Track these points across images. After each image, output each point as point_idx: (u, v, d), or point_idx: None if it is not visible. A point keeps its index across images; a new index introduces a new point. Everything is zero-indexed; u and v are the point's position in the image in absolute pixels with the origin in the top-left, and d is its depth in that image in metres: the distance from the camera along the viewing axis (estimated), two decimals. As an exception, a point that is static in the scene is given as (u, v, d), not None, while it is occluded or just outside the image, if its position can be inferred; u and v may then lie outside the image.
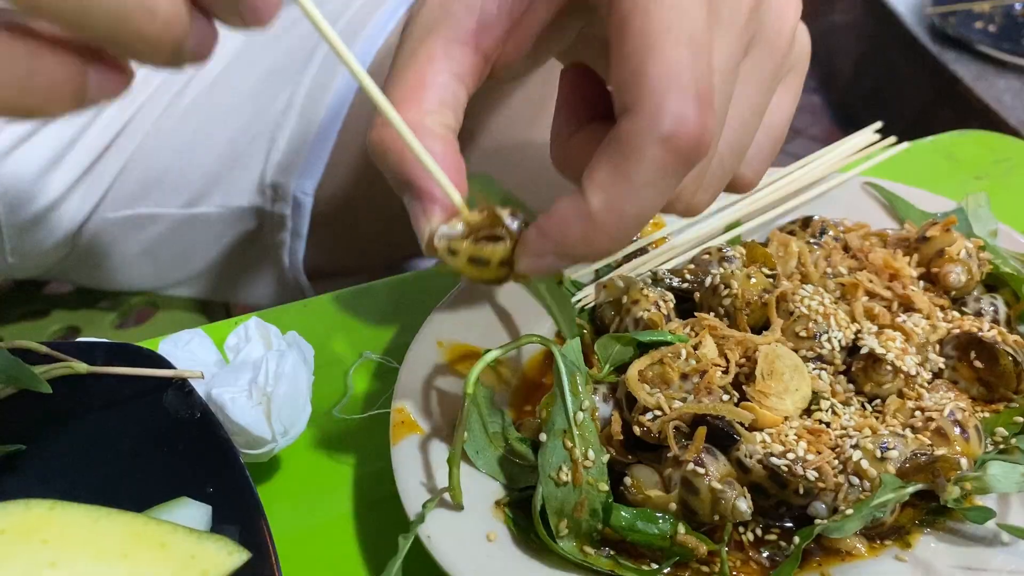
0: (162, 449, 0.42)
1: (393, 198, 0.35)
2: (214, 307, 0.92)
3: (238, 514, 0.38)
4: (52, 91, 0.27)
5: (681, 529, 0.39)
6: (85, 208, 0.79)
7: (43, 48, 0.26)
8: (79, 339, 0.48)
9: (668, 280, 0.52)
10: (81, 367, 0.44)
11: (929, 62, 1.76)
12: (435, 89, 0.34)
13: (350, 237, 0.85)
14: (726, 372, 0.43)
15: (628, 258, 0.55)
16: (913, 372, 0.44)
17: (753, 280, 0.47)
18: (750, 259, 0.50)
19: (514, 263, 0.33)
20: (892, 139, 0.62)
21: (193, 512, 0.38)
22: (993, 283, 0.52)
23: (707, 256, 0.52)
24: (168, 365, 0.45)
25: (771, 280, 0.48)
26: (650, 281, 0.51)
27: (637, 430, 0.41)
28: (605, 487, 0.38)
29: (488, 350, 0.40)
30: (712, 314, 0.47)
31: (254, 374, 0.44)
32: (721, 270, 0.49)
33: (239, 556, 0.36)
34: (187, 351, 0.48)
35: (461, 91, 0.34)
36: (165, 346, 0.47)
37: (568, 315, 0.39)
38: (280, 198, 0.82)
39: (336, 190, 0.81)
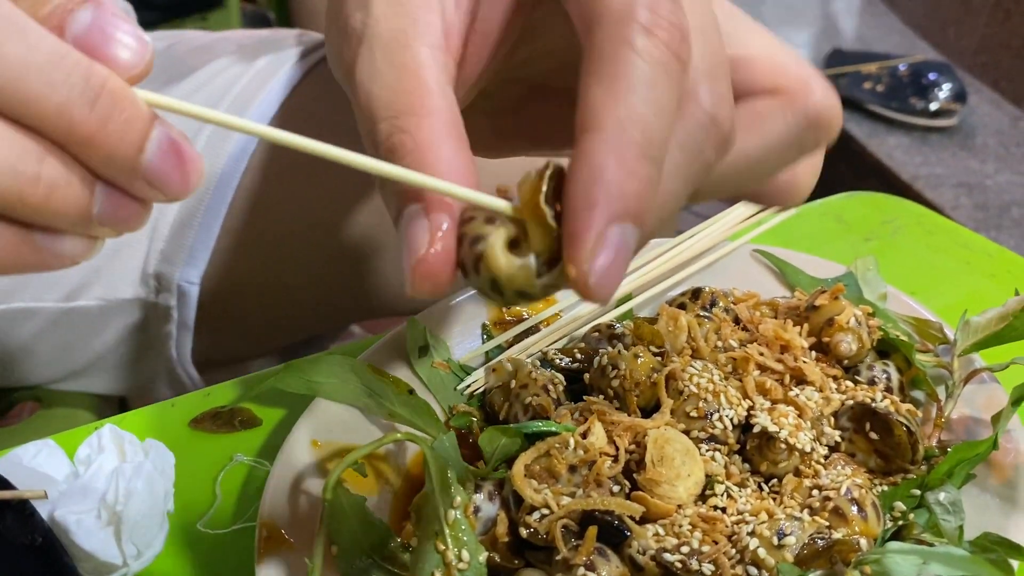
0: (-5, 583, 0.37)
1: (284, 282, 0.32)
2: (107, 400, 0.86)
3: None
4: (54, 194, 0.25)
5: (572, 638, 0.36)
6: None
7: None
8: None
9: (558, 360, 0.50)
10: (-96, 494, 0.39)
11: (824, 122, 1.82)
12: (443, 98, 0.29)
13: (241, 324, 0.81)
14: (616, 460, 0.41)
15: (518, 338, 0.53)
16: (808, 449, 0.43)
17: (641, 359, 0.45)
18: (637, 336, 0.48)
19: (567, 252, 0.25)
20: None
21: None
22: (885, 348, 0.51)
23: (597, 333, 0.50)
24: (7, 485, 0.40)
25: (659, 358, 0.46)
26: (538, 364, 0.48)
27: (523, 531, 0.38)
28: (484, 597, 0.35)
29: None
30: (602, 396, 0.45)
31: (105, 490, 0.40)
32: (609, 348, 0.47)
33: None
34: (33, 465, 0.43)
35: (456, 102, 0.30)
36: (5, 464, 0.42)
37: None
38: (164, 288, 0.78)
39: (225, 277, 0.77)
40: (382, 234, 0.74)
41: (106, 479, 0.41)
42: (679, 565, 0.37)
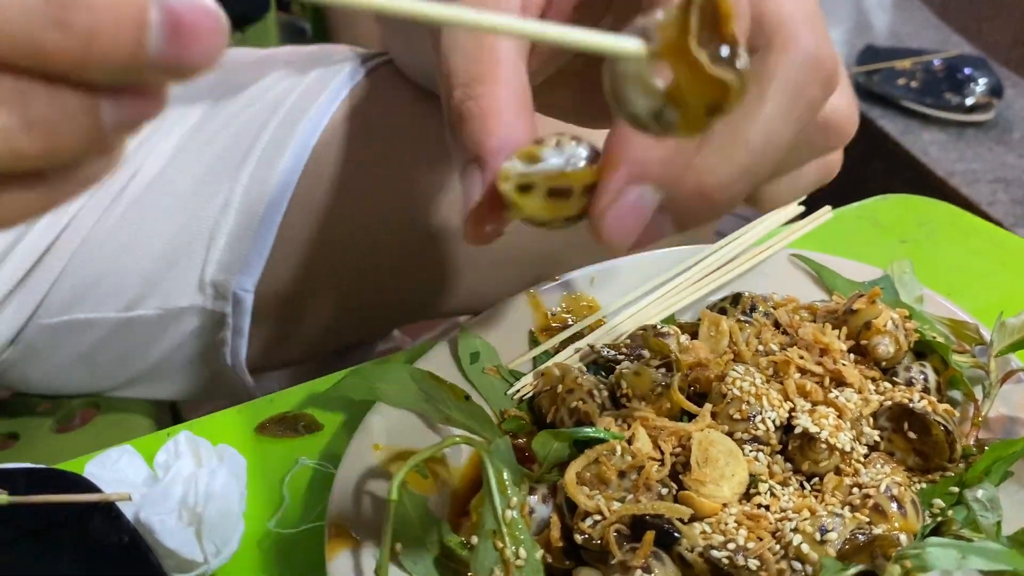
0: (89, 580, 0.40)
1: (334, 288, 0.34)
2: (160, 405, 0.90)
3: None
4: (57, 127, 0.21)
5: (626, 630, 0.38)
6: (20, 317, 0.78)
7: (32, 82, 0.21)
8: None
9: (605, 352, 0.52)
10: (2, 498, 0.42)
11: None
12: (512, 69, 0.31)
13: (294, 330, 0.84)
14: (662, 464, 0.43)
15: (564, 344, 0.55)
16: (848, 448, 0.45)
17: (639, 376, 0.48)
18: (648, 348, 0.50)
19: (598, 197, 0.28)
20: (826, 208, 0.63)
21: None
22: (922, 350, 0.52)
23: (643, 331, 0.52)
24: (94, 489, 0.43)
25: (663, 370, 0.48)
26: (584, 369, 0.51)
27: (579, 538, 0.41)
28: (542, 589, 0.38)
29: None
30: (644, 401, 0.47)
31: (184, 493, 0.43)
32: (628, 364, 0.49)
33: None
34: (115, 470, 0.46)
35: (525, 74, 0.32)
36: (92, 467, 0.45)
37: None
38: (221, 296, 0.81)
39: (278, 284, 0.80)
40: (429, 237, 0.77)
41: (184, 482, 0.43)
42: (726, 561, 0.39)
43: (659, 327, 0.52)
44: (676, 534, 0.40)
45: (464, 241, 0.30)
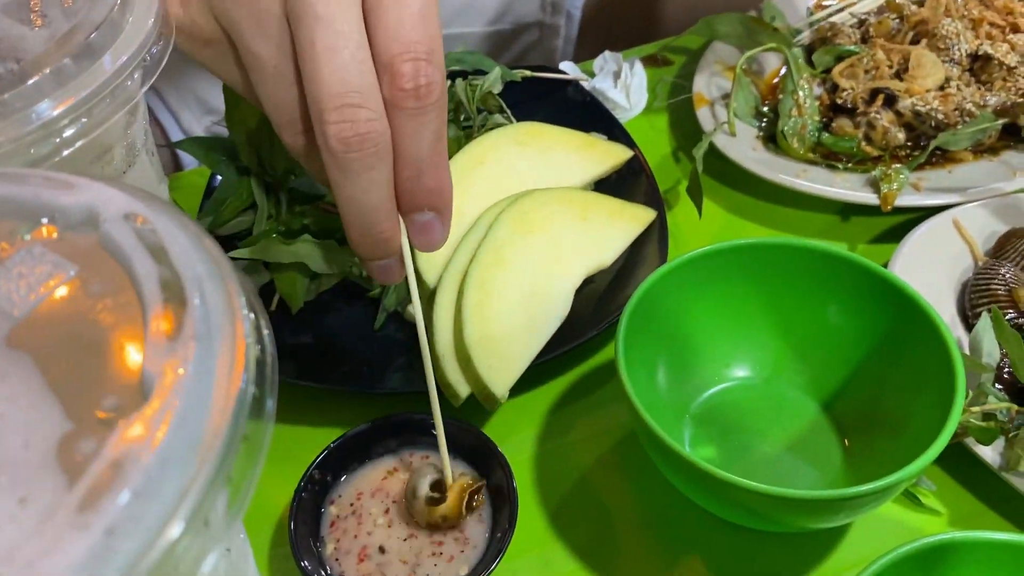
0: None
1: None
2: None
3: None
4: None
5: (862, 145, 0.70)
6: None
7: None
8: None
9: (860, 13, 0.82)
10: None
11: None
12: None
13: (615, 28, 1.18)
14: (891, 67, 0.73)
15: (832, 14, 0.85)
16: (1013, 64, 0.73)
17: (881, 24, 0.77)
18: (890, 8, 0.79)
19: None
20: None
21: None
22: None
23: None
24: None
25: (899, 20, 0.77)
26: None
27: (839, 99, 0.73)
28: (816, 117, 0.71)
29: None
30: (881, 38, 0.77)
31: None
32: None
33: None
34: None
35: None
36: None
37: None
38: (557, 12, 1.15)
39: (600, 3, 1.13)
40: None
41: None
42: (923, 110, 0.70)
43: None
44: (896, 96, 0.71)
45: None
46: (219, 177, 0.66)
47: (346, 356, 0.59)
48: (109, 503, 0.20)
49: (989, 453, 0.49)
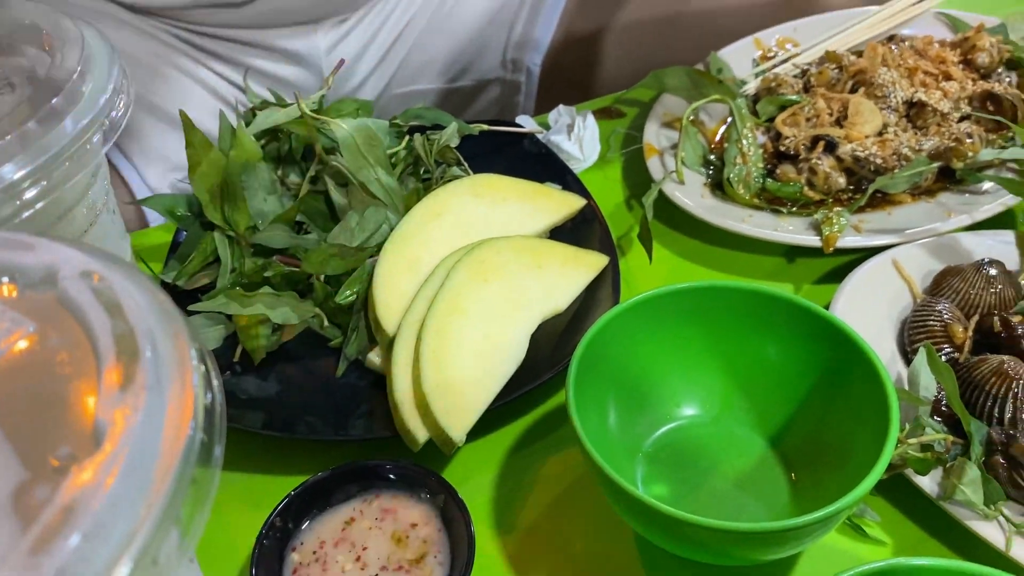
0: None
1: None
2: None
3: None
4: None
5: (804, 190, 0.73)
6: (379, 86, 1.14)
7: None
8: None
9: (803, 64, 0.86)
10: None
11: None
12: None
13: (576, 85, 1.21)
14: (831, 115, 0.77)
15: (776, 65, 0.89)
16: (946, 111, 0.76)
17: (820, 72, 0.81)
18: (830, 59, 0.83)
19: None
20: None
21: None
22: (1013, 65, 0.82)
23: (827, 52, 0.85)
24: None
25: (837, 71, 0.81)
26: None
27: (781, 147, 0.76)
28: (760, 164, 0.74)
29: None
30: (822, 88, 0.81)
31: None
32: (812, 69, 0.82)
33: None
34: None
35: None
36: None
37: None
38: (518, 69, 1.19)
39: (558, 59, 1.16)
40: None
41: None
42: (862, 155, 0.73)
43: (837, 51, 0.85)
44: (837, 142, 0.74)
45: None
46: (184, 232, 0.68)
47: (309, 405, 0.60)
48: (60, 546, 0.22)
49: (927, 483, 0.51)
